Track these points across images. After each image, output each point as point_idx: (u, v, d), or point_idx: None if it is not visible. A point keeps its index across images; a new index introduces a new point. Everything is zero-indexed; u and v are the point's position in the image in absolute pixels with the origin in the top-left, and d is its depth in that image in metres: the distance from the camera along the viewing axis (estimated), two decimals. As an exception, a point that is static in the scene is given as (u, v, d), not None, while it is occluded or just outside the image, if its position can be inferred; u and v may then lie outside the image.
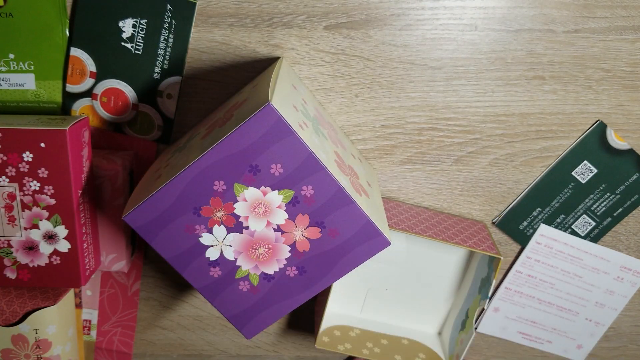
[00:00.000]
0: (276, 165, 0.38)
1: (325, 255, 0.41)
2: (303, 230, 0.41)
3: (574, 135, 0.53)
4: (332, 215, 0.40)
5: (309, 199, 0.39)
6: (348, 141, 0.51)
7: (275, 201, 0.40)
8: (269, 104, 0.36)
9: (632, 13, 0.49)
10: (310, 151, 0.38)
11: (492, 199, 0.55)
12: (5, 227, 0.46)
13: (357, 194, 0.41)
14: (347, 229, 0.40)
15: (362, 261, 0.41)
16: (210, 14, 0.48)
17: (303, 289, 0.43)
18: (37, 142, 0.44)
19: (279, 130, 0.37)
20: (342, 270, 0.42)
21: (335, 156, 0.42)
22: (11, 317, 0.50)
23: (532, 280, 0.57)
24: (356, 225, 0.40)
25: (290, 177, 0.39)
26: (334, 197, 0.39)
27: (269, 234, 0.41)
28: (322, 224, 0.40)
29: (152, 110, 0.50)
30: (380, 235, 0.40)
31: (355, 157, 0.49)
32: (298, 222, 0.40)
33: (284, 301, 0.43)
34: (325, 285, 0.42)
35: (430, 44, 0.49)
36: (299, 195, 0.39)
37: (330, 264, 0.42)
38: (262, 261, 0.42)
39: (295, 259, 0.41)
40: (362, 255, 0.41)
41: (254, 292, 0.43)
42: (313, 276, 0.42)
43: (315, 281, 0.42)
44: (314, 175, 0.39)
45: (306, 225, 0.40)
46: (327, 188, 0.39)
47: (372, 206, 0.42)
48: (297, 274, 0.42)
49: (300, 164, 0.38)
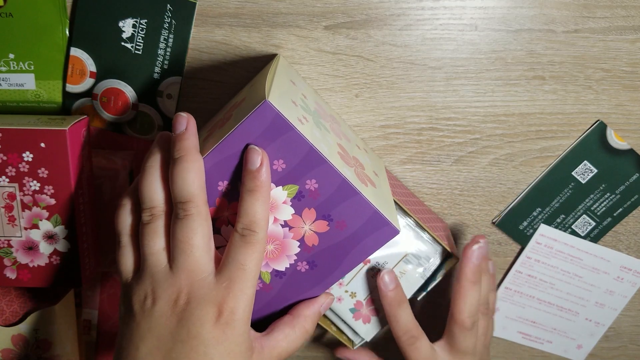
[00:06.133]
0: (278, 161, 0.38)
1: (335, 248, 0.41)
2: (310, 225, 0.40)
3: (574, 135, 0.53)
4: (338, 207, 0.40)
5: (313, 192, 0.39)
6: (352, 133, 0.50)
7: (281, 197, 0.40)
8: (265, 101, 0.36)
9: (632, 13, 0.49)
10: (311, 145, 0.38)
11: (492, 199, 0.55)
12: (5, 227, 0.46)
13: (363, 185, 0.41)
14: (354, 220, 0.40)
15: (372, 251, 0.41)
16: (210, 14, 0.48)
17: (315, 283, 0.42)
18: (37, 142, 0.44)
19: (278, 126, 0.37)
20: (353, 261, 0.42)
21: (339, 148, 0.42)
22: (11, 317, 0.50)
23: (532, 280, 0.57)
24: (364, 216, 0.40)
25: (293, 172, 0.39)
26: (339, 190, 0.39)
27: (277, 230, 0.41)
28: (329, 216, 0.40)
29: (152, 110, 0.50)
30: (388, 224, 0.40)
31: (361, 147, 0.48)
32: (305, 217, 0.40)
33: (297, 297, 0.43)
34: (337, 278, 0.42)
35: (430, 44, 0.49)
36: (304, 189, 0.39)
37: (340, 257, 0.41)
38: (273, 258, 0.41)
39: (305, 254, 0.41)
40: (371, 245, 0.41)
41: (267, 289, 0.43)
42: (324, 270, 0.42)
43: (327, 274, 0.42)
44: (317, 169, 0.38)
45: (313, 219, 0.40)
46: (331, 181, 0.39)
47: (379, 196, 0.42)
48: (309, 269, 0.42)
49: (302, 158, 0.38)
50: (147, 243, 0.38)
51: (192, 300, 0.37)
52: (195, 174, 0.37)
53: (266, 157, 0.38)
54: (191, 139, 0.38)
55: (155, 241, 0.38)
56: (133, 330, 0.38)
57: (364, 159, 0.46)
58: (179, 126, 0.39)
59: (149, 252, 0.38)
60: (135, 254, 0.40)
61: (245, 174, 0.38)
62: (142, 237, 0.39)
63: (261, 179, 0.37)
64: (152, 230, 0.38)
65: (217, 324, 0.37)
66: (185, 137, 0.38)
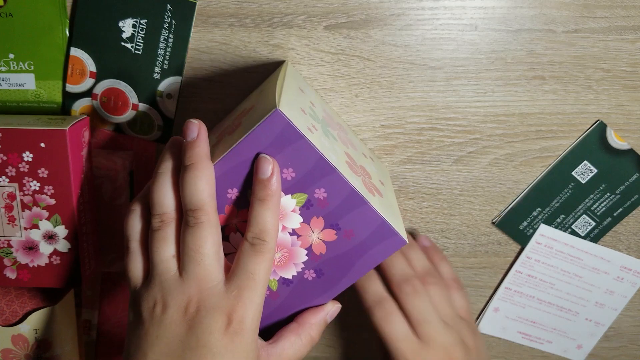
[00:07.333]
0: (288, 169, 0.38)
1: (342, 257, 0.41)
2: (318, 233, 0.40)
3: (574, 135, 0.53)
4: (346, 216, 0.40)
5: (322, 201, 0.39)
6: (358, 140, 0.50)
7: (289, 205, 0.40)
8: (276, 110, 0.36)
9: (632, 13, 0.49)
10: (321, 154, 0.38)
11: (492, 199, 0.55)
12: (5, 227, 0.46)
13: (371, 195, 0.41)
14: (362, 230, 0.40)
15: (379, 261, 0.41)
16: (210, 14, 0.48)
17: (322, 291, 0.42)
18: (37, 142, 0.44)
19: (288, 135, 0.37)
20: (359, 271, 0.42)
21: (347, 157, 0.42)
22: (11, 317, 0.50)
23: (532, 280, 0.57)
24: (371, 225, 0.40)
25: (302, 181, 0.39)
26: (347, 199, 0.39)
27: (285, 238, 0.41)
28: (337, 225, 0.40)
29: (152, 110, 0.50)
30: (396, 234, 0.40)
31: (367, 156, 0.48)
32: (313, 225, 0.40)
33: (304, 304, 0.43)
34: (343, 287, 0.42)
35: (430, 44, 0.49)
36: (312, 198, 0.39)
37: (347, 266, 0.41)
38: (280, 266, 0.41)
39: (312, 262, 0.41)
40: (378, 255, 0.41)
41: (274, 297, 0.43)
42: (331, 278, 0.42)
43: (334, 283, 0.42)
44: (326, 178, 0.38)
45: (321, 228, 0.40)
46: (340, 190, 0.39)
47: (386, 205, 0.42)
48: (316, 277, 0.42)
49: (311, 167, 0.38)
50: (156, 250, 0.38)
51: (202, 308, 0.37)
52: (206, 182, 0.37)
53: (277, 167, 0.38)
54: (202, 147, 0.38)
55: (165, 248, 0.38)
56: (142, 337, 0.38)
57: (370, 167, 0.46)
58: (191, 133, 0.39)
59: (158, 259, 0.38)
60: (144, 260, 0.40)
61: (256, 183, 0.38)
62: (151, 244, 0.39)
63: (272, 188, 0.37)
64: (162, 237, 0.39)
65: (226, 333, 0.37)
66: (197, 145, 0.38)
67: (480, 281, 0.58)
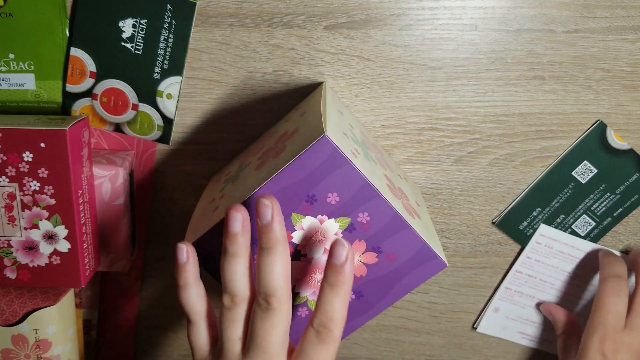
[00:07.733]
0: (332, 194, 0.38)
1: (382, 279, 0.41)
2: (360, 256, 0.41)
3: (574, 135, 0.53)
4: (388, 240, 0.40)
5: (365, 225, 0.39)
6: (392, 160, 0.51)
7: (332, 229, 0.40)
8: (324, 136, 0.36)
9: (632, 13, 0.49)
10: (366, 179, 0.38)
11: (492, 199, 0.55)
12: (5, 227, 0.46)
13: (411, 217, 0.41)
14: (403, 253, 0.40)
15: (418, 284, 0.41)
16: (210, 14, 0.48)
17: (360, 313, 0.43)
18: (37, 142, 0.44)
19: (334, 160, 0.37)
20: (398, 293, 0.42)
21: (387, 180, 0.42)
22: (11, 317, 0.50)
23: (532, 280, 0.57)
24: (412, 249, 0.40)
25: (346, 205, 0.39)
26: (390, 223, 0.39)
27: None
28: (379, 249, 0.40)
29: (152, 110, 0.50)
30: (436, 257, 0.41)
31: (402, 177, 0.49)
32: (355, 248, 0.40)
33: None
34: (382, 309, 0.42)
35: (430, 44, 0.49)
36: (355, 222, 0.39)
37: (387, 288, 0.42)
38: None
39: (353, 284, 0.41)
40: (418, 278, 0.41)
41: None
42: (370, 300, 0.42)
43: (372, 305, 0.42)
44: (369, 202, 0.39)
45: (363, 251, 0.40)
46: (383, 214, 0.39)
47: (424, 228, 0.43)
48: (355, 299, 0.42)
49: (356, 191, 0.38)
50: (225, 329, 0.39)
51: None
52: (282, 267, 0.37)
53: (351, 252, 0.37)
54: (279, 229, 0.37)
55: (233, 330, 0.38)
56: None
57: (406, 189, 0.46)
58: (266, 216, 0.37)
59: (226, 337, 0.39)
60: (210, 331, 0.40)
61: (329, 267, 0.37)
62: (221, 321, 0.39)
63: (345, 275, 0.37)
64: (232, 318, 0.38)
65: None
66: (274, 228, 0.37)
67: (480, 281, 0.58)
